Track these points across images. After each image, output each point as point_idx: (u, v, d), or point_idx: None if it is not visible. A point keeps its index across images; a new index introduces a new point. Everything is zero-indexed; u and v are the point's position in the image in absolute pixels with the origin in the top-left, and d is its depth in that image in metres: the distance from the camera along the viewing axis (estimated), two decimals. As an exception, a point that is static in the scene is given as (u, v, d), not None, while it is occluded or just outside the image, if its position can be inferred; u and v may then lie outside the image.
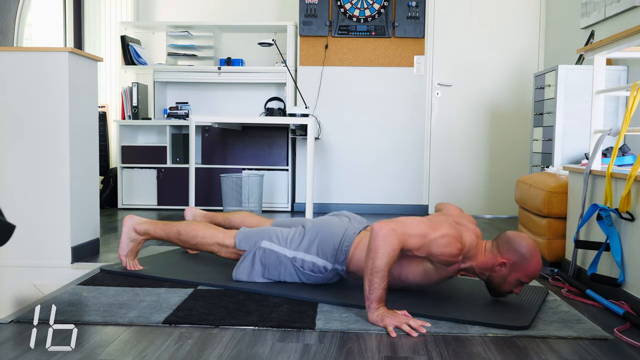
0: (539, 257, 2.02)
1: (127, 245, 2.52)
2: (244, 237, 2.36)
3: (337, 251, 2.22)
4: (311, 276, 2.26)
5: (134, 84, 4.92)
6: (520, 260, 1.99)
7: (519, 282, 2.04)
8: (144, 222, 2.51)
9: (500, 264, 2.02)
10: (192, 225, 2.46)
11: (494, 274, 2.05)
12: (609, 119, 3.43)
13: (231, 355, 1.61)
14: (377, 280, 1.85)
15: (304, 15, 4.77)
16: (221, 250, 2.39)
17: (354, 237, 2.23)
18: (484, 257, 2.06)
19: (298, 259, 2.26)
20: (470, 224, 2.16)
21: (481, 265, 2.06)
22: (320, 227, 2.29)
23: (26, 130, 2.71)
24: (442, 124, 4.87)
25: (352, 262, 2.20)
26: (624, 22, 3.43)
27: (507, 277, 2.03)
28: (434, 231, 1.94)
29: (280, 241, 2.30)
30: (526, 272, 2.00)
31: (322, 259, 2.24)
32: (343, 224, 2.31)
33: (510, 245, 2.02)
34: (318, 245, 2.24)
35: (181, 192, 4.76)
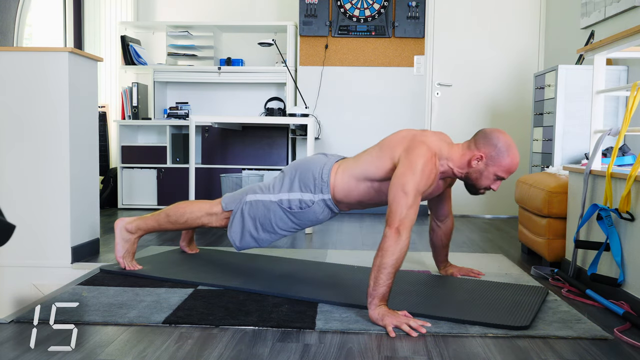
0: (515, 151, 2.08)
1: (122, 247, 2.52)
2: (229, 199, 2.38)
3: (318, 180, 2.23)
4: (302, 214, 2.25)
5: (134, 84, 4.92)
6: (497, 153, 2.05)
7: (497, 177, 2.09)
8: (133, 220, 2.53)
9: (477, 158, 2.07)
10: (178, 204, 2.49)
11: (471, 169, 2.10)
12: (609, 119, 3.43)
13: (231, 355, 1.61)
14: (383, 277, 1.85)
15: (304, 15, 4.77)
16: (211, 220, 2.40)
17: (332, 165, 2.26)
18: (460, 155, 2.12)
19: (284, 200, 2.26)
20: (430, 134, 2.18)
21: (458, 164, 2.12)
22: (297, 165, 2.33)
23: (26, 130, 2.71)
24: (442, 124, 4.86)
25: (337, 190, 2.22)
26: (624, 22, 3.43)
27: (484, 171, 2.08)
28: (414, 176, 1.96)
29: (264, 190, 2.32)
30: (503, 166, 2.06)
31: (306, 192, 2.24)
32: (320, 158, 2.34)
33: (486, 140, 2.08)
34: (299, 181, 2.26)
35: (181, 192, 4.76)
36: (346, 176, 2.22)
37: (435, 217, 2.53)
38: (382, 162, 2.15)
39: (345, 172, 2.23)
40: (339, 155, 2.39)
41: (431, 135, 2.17)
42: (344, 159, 2.33)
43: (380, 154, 2.18)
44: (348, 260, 2.84)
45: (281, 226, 2.29)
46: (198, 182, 4.44)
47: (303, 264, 2.74)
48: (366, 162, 2.22)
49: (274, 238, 2.34)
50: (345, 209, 2.31)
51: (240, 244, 2.34)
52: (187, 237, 2.88)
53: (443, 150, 2.12)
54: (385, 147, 2.18)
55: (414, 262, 2.83)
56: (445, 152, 2.12)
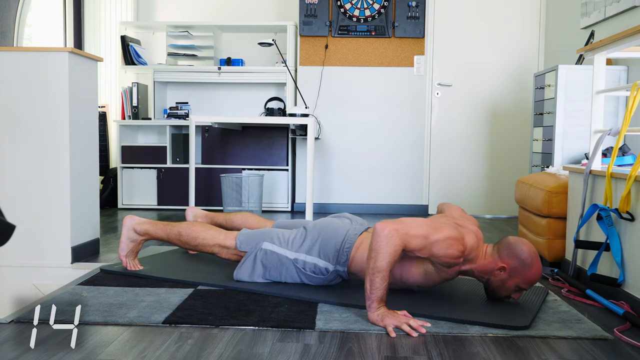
0: (539, 264, 2.01)
1: (127, 246, 2.52)
2: (245, 238, 2.36)
3: (338, 252, 2.22)
4: (312, 277, 2.26)
5: (134, 84, 4.92)
6: (520, 265, 1.99)
7: (518, 288, 2.04)
8: (144, 223, 2.51)
9: (500, 269, 2.02)
10: (193, 226, 2.46)
11: (492, 277, 2.05)
12: (609, 119, 3.43)
13: (231, 355, 1.61)
14: (378, 280, 1.85)
15: (304, 15, 4.77)
16: (222, 252, 2.39)
17: (356, 239, 2.23)
18: (484, 261, 2.05)
19: (300, 260, 2.26)
20: (473, 226, 2.16)
21: (481, 269, 2.06)
22: (321, 229, 2.29)
23: (26, 130, 2.71)
24: (442, 124, 4.86)
25: (354, 264, 2.20)
26: (624, 22, 3.43)
27: (506, 282, 2.03)
28: (436, 232, 1.94)
29: (282, 242, 2.30)
30: (525, 278, 2.00)
31: (323, 260, 2.24)
32: (344, 226, 2.31)
33: (510, 250, 2.01)
34: (320, 247, 2.24)
35: (181, 192, 4.76)
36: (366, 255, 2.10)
37: None
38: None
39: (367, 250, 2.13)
40: (363, 225, 2.37)
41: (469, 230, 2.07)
42: (367, 232, 2.28)
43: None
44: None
45: (289, 279, 2.31)
46: (198, 182, 4.45)
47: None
48: None
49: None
50: (355, 280, 2.29)
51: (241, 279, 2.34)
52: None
53: (472, 252, 2.04)
54: None
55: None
56: (472, 254, 2.04)
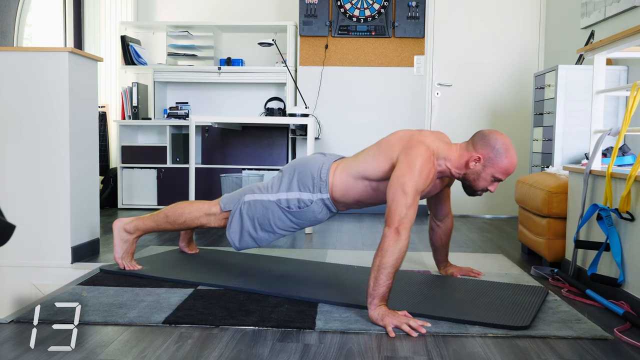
0: (513, 153, 2.07)
1: (120, 248, 2.52)
2: (227, 199, 2.38)
3: (315, 179, 2.23)
4: (300, 213, 2.25)
5: (134, 84, 4.92)
6: (494, 154, 2.05)
7: (494, 179, 2.09)
8: (131, 220, 2.53)
9: (475, 160, 2.08)
10: (177, 205, 2.49)
11: (468, 170, 2.10)
12: (609, 119, 3.43)
13: (231, 355, 1.61)
14: (383, 277, 1.85)
15: (304, 15, 4.77)
16: (210, 220, 2.40)
17: (331, 164, 2.26)
18: (458, 155, 2.12)
19: (282, 199, 2.26)
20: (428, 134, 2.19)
21: (456, 164, 2.12)
22: (295, 164, 2.33)
23: (26, 131, 2.71)
24: (442, 124, 4.86)
25: (335, 189, 2.23)
26: (624, 22, 3.43)
27: (482, 172, 2.08)
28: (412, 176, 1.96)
29: (262, 190, 2.32)
30: (500, 167, 2.06)
31: (304, 192, 2.24)
32: (318, 157, 2.34)
33: (484, 141, 2.08)
34: (298, 180, 2.26)
35: (181, 192, 4.76)
36: (344, 175, 2.23)
37: (434, 217, 2.54)
38: (380, 162, 2.15)
39: (344, 171, 2.24)
40: (337, 155, 2.39)
41: (429, 134, 2.18)
42: (342, 159, 2.34)
43: (378, 153, 2.18)
44: (348, 260, 2.84)
45: (280, 225, 2.29)
46: (198, 182, 4.44)
47: (303, 264, 2.74)
48: (364, 161, 2.22)
49: (273, 238, 2.34)
50: (343, 208, 2.32)
51: (239, 244, 2.34)
52: (186, 238, 2.88)
53: (441, 150, 2.12)
54: (384, 146, 2.18)
55: (414, 262, 2.83)
56: (443, 152, 2.13)
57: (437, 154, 2.11)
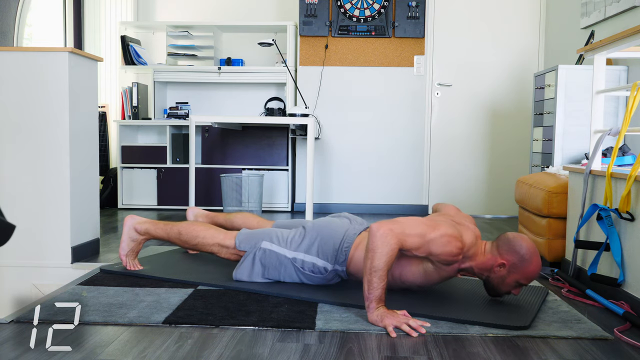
0: (538, 259, 2.01)
1: (127, 245, 2.52)
2: (244, 238, 2.37)
3: (337, 252, 2.22)
4: (311, 276, 2.27)
5: (134, 84, 4.92)
6: (520, 261, 1.99)
7: (518, 284, 2.03)
8: (144, 222, 2.51)
9: (500, 265, 2.02)
10: (193, 225, 2.47)
11: (492, 274, 2.05)
12: (609, 119, 3.43)
13: (231, 355, 1.61)
14: (376, 279, 1.85)
15: (304, 15, 4.77)
16: (221, 251, 2.40)
17: (354, 238, 2.23)
18: (484, 257, 2.06)
19: (298, 259, 2.26)
20: (470, 223, 2.16)
21: (480, 265, 2.06)
22: (320, 228, 2.29)
23: (26, 131, 2.71)
24: (442, 124, 4.86)
25: (352, 263, 2.20)
26: (624, 22, 3.43)
27: (506, 278, 2.03)
28: (432, 231, 1.94)
29: (281, 242, 2.31)
30: (525, 274, 2.00)
31: (322, 259, 2.24)
32: (343, 225, 2.31)
33: (510, 247, 2.02)
34: (318, 246, 2.25)
35: (181, 192, 4.76)
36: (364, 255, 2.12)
37: None
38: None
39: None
40: (363, 224, 2.37)
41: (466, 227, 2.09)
42: (367, 231, 2.27)
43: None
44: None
45: (287, 279, 2.31)
46: (198, 182, 4.44)
47: (303, 264, 2.73)
48: None
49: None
50: (354, 279, 2.28)
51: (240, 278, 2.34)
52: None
53: (470, 249, 2.04)
54: None
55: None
56: (471, 251, 2.05)
57: (465, 252, 2.02)
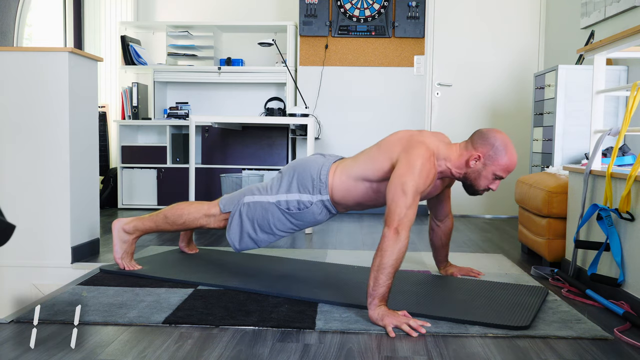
0: (513, 150, 2.08)
1: (120, 248, 2.52)
2: (227, 200, 2.38)
3: (316, 181, 2.23)
4: (299, 214, 2.25)
5: (134, 84, 4.92)
6: (494, 152, 2.05)
7: (495, 176, 2.10)
8: (131, 221, 2.53)
9: (475, 158, 2.08)
10: (176, 205, 2.48)
11: (469, 170, 2.10)
12: (609, 119, 3.43)
13: (231, 355, 1.61)
14: (383, 277, 1.85)
15: (304, 15, 4.77)
16: (209, 221, 2.40)
17: (330, 165, 2.26)
18: (458, 155, 2.12)
19: (282, 201, 2.26)
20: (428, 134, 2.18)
21: (456, 164, 2.12)
22: (295, 165, 2.32)
23: (26, 131, 2.71)
24: (442, 124, 4.86)
25: (335, 191, 2.22)
26: (624, 22, 3.43)
27: (482, 171, 2.09)
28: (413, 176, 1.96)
29: (262, 191, 2.32)
30: (501, 165, 2.06)
31: (304, 193, 2.24)
32: (317, 158, 2.33)
33: (483, 139, 2.08)
34: (297, 181, 2.26)
35: (181, 192, 4.75)
36: (344, 177, 2.22)
37: (434, 217, 2.54)
38: (380, 163, 2.15)
39: (344, 172, 2.23)
40: (336, 156, 2.39)
41: (429, 135, 2.18)
42: (342, 160, 2.33)
43: (378, 154, 2.18)
44: (348, 260, 2.84)
45: (279, 227, 2.29)
46: (198, 182, 4.44)
47: (303, 264, 2.74)
48: (364, 162, 2.22)
49: (273, 239, 2.34)
50: (343, 210, 2.32)
51: (239, 245, 2.34)
52: (185, 238, 2.88)
53: (441, 150, 2.13)
54: (384, 147, 2.18)
55: (414, 262, 2.82)
56: (443, 152, 2.13)
57: (437, 154, 2.11)
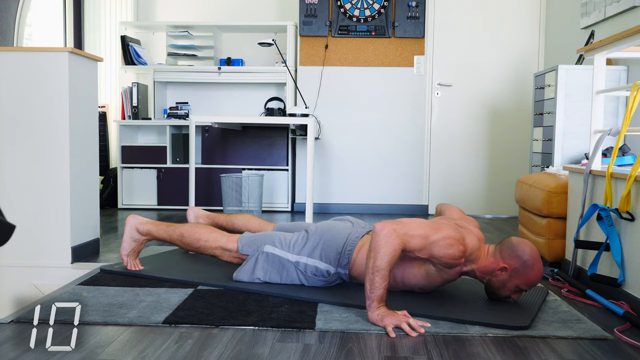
0: (540, 266, 2.02)
1: (129, 245, 2.52)
2: (247, 242, 2.36)
3: (340, 255, 2.22)
4: (313, 279, 2.27)
5: (134, 84, 4.92)
6: (522, 267, 1.99)
7: (518, 289, 2.04)
8: (146, 223, 2.51)
9: (501, 269, 2.02)
10: (196, 228, 2.46)
11: (493, 278, 2.05)
12: (609, 119, 3.43)
13: (231, 355, 1.61)
14: (378, 279, 1.85)
15: (304, 15, 4.77)
16: (224, 254, 2.40)
17: (357, 242, 2.23)
18: (486, 261, 2.06)
19: (301, 263, 2.26)
20: (473, 227, 2.16)
21: (482, 269, 2.06)
22: (323, 232, 2.29)
23: (26, 131, 2.71)
24: (442, 124, 4.87)
25: (355, 267, 2.21)
26: (624, 22, 3.43)
27: (507, 282, 2.03)
28: (435, 233, 1.94)
29: (283, 246, 2.31)
30: (526, 280, 2.01)
31: (325, 262, 2.24)
32: (346, 229, 2.31)
33: (512, 251, 2.02)
34: (321, 250, 2.25)
35: (181, 192, 4.76)
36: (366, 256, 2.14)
37: None
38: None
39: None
40: (365, 228, 2.37)
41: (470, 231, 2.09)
42: (369, 234, 2.29)
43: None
44: (348, 260, 2.83)
45: (287, 280, 2.30)
46: (198, 182, 4.44)
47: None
48: None
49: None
50: (356, 282, 2.29)
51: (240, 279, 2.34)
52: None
53: (473, 252, 2.05)
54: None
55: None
56: (474, 255, 2.05)
57: (467, 256, 2.03)
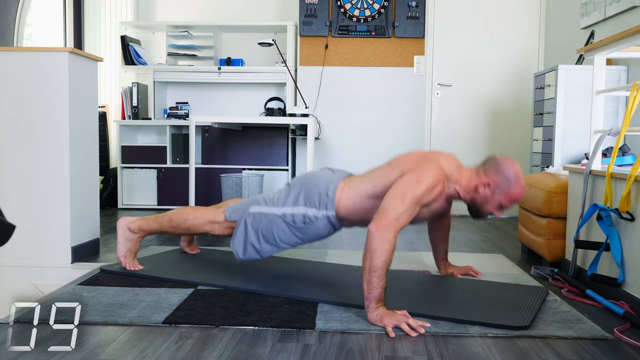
0: (523, 183, 2.09)
1: (124, 246, 2.52)
2: (233, 209, 2.37)
3: (323, 197, 2.22)
4: (304, 228, 2.25)
5: (134, 84, 4.92)
6: (505, 182, 2.07)
7: (500, 205, 2.11)
8: (136, 220, 2.52)
9: (485, 185, 2.09)
10: (182, 209, 2.49)
11: (477, 194, 2.11)
12: (609, 119, 3.44)
13: (231, 355, 1.61)
14: (375, 279, 1.85)
15: (304, 15, 4.77)
16: (214, 228, 2.40)
17: (339, 182, 2.25)
18: (469, 179, 2.13)
19: (287, 214, 2.25)
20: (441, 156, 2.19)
21: (466, 187, 2.13)
22: (303, 180, 2.32)
23: (26, 131, 2.71)
24: (442, 124, 4.87)
25: (341, 207, 2.21)
26: (624, 22, 3.43)
27: (490, 198, 2.10)
28: (417, 186, 1.96)
29: (268, 202, 2.31)
30: (508, 196, 2.08)
31: (310, 208, 2.23)
32: (326, 174, 2.33)
33: (496, 168, 2.09)
34: (305, 196, 2.25)
35: (181, 192, 4.76)
36: (352, 193, 2.20)
37: None
38: (390, 179, 2.12)
39: (352, 189, 2.21)
40: (346, 172, 2.37)
41: (443, 157, 2.17)
42: (350, 177, 2.31)
43: (389, 171, 2.16)
44: (348, 260, 2.83)
45: (283, 239, 2.29)
46: (198, 182, 4.44)
47: (303, 264, 2.74)
48: (373, 179, 2.19)
49: (276, 250, 2.33)
50: (348, 226, 2.30)
51: (243, 255, 2.33)
52: (187, 238, 2.88)
53: (453, 173, 2.13)
54: (395, 164, 2.16)
55: (414, 262, 2.82)
56: (455, 176, 2.13)
57: (448, 177, 2.11)
